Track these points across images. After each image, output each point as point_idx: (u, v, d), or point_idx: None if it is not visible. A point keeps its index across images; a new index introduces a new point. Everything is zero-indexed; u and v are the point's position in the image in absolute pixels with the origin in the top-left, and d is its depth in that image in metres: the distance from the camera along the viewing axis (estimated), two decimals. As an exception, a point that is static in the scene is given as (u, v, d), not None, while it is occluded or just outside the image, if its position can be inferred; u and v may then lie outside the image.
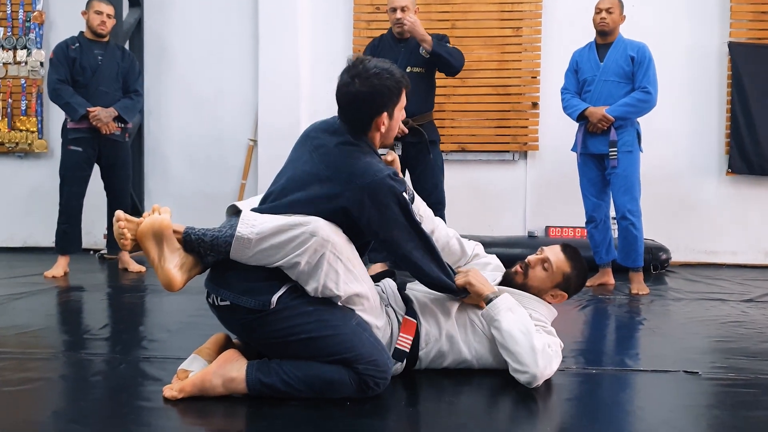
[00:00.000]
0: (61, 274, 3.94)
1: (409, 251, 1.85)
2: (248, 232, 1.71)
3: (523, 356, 1.84)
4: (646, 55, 3.68)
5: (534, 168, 5.10)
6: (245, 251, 1.73)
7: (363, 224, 1.79)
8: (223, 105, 5.28)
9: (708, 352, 2.43)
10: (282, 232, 1.71)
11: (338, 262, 1.74)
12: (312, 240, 1.69)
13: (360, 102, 1.84)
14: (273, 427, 1.60)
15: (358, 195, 1.76)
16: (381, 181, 1.77)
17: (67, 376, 2.02)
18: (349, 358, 1.75)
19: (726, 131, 4.98)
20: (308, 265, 1.71)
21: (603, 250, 3.87)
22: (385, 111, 1.87)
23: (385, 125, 1.89)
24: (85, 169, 4.05)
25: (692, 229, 4.98)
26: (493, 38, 5.07)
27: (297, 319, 1.76)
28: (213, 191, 5.28)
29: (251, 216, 1.76)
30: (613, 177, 3.70)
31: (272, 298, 1.73)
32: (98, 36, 4.08)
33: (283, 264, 1.72)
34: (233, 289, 1.78)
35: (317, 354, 1.76)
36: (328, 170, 1.81)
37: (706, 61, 5.01)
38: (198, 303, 3.15)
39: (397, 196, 1.79)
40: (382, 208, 1.77)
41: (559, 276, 2.08)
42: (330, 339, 1.75)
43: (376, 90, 1.83)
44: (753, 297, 3.55)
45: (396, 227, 1.81)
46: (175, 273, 1.77)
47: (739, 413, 1.74)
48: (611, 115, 3.63)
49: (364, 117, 1.86)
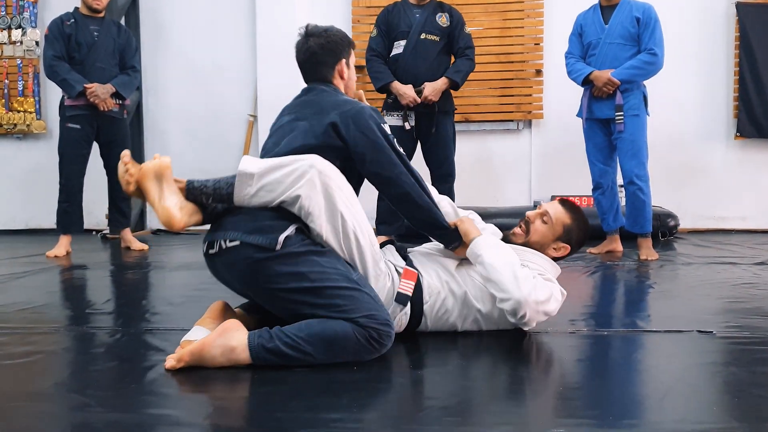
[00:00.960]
0: (64, 254, 3.92)
1: (397, 176, 1.90)
2: (250, 168, 1.79)
3: (505, 283, 1.81)
4: (652, 17, 3.59)
5: (539, 137, 5.02)
6: (247, 189, 1.78)
7: (350, 145, 1.89)
8: (221, 80, 5.21)
9: (721, 312, 2.38)
10: (281, 167, 1.77)
11: (339, 192, 1.77)
12: (311, 171, 1.74)
13: (318, 54, 2.05)
14: (277, 394, 1.57)
15: (344, 118, 1.89)
16: (362, 109, 1.92)
17: (69, 348, 2.00)
18: (349, 310, 1.72)
19: (734, 94, 4.89)
20: (308, 199, 1.74)
21: (610, 217, 3.82)
22: (343, 58, 2.07)
23: (345, 72, 2.08)
24: (84, 146, 4.00)
25: (700, 195, 4.92)
26: (494, 5, 4.97)
27: (301, 266, 1.75)
28: (213, 167, 5.18)
29: (251, 158, 1.84)
30: (619, 142, 3.63)
31: (280, 237, 1.75)
32: (93, 11, 4.00)
33: (285, 199, 1.76)
34: (241, 229, 1.79)
35: (317, 304, 1.74)
36: (312, 109, 1.96)
37: (712, 22, 4.90)
38: (201, 277, 3.12)
39: (377, 122, 1.91)
40: (366, 131, 1.88)
41: (560, 227, 2.07)
42: (331, 291, 1.74)
43: (329, 40, 2.05)
44: (765, 260, 3.50)
45: (381, 151, 1.89)
46: (175, 211, 1.81)
47: (756, 369, 1.69)
48: (617, 79, 3.55)
49: (325, 67, 2.06)
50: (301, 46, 2.08)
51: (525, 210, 4.61)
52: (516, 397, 1.58)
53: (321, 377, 1.65)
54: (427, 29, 3.83)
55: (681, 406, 1.44)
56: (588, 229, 2.14)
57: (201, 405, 1.49)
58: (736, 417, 1.39)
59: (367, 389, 1.59)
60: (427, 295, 1.95)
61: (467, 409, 1.46)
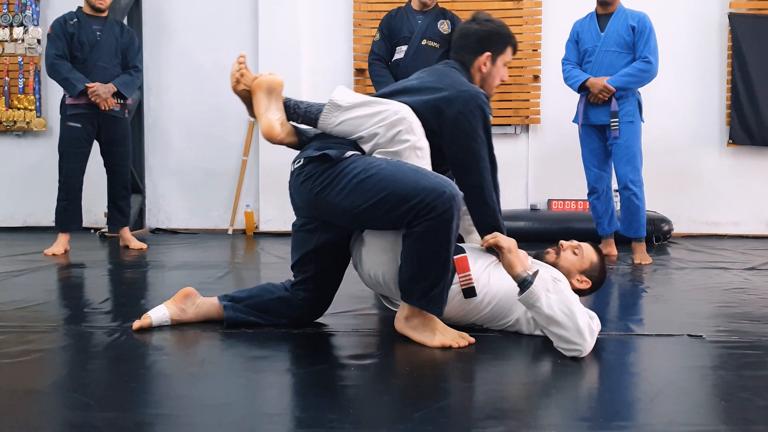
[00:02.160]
0: (62, 252, 3.93)
1: (479, 168, 1.99)
2: (340, 99, 1.94)
3: (570, 338, 1.81)
4: (646, 25, 3.63)
5: (536, 141, 5.06)
6: (333, 118, 1.94)
7: (449, 122, 1.96)
8: (223, 80, 5.13)
9: (711, 317, 2.42)
10: (370, 105, 1.93)
11: (414, 150, 1.89)
12: (395, 116, 1.89)
13: (470, 37, 2.13)
14: (275, 393, 1.60)
15: (454, 96, 1.97)
16: (477, 94, 2.00)
17: (67, 347, 2.01)
18: (410, 195, 1.81)
19: (727, 102, 4.95)
20: (385, 138, 1.90)
21: (605, 221, 3.86)
22: (489, 51, 2.13)
23: (486, 67, 2.14)
24: (84, 145, 4.02)
25: (694, 200, 4.97)
26: (493, 11, 4.98)
27: (366, 163, 1.88)
28: (214, 167, 5.26)
29: (345, 89, 1.98)
30: (614, 147, 3.67)
31: (348, 152, 1.91)
32: (97, 11, 4.02)
33: (363, 134, 1.92)
34: (313, 147, 1.97)
35: (381, 188, 1.84)
36: (431, 78, 2.05)
37: (706, 31, 4.96)
38: (200, 277, 3.15)
39: (484, 111, 1.99)
40: (470, 115, 1.96)
41: (587, 263, 2.18)
42: (393, 177, 1.84)
43: (487, 31, 2.12)
44: (755, 265, 3.55)
45: (474, 138, 1.98)
46: (276, 125, 1.99)
47: (743, 373, 1.73)
48: (612, 86, 3.59)
49: (468, 53, 2.13)
50: (463, 24, 2.21)
51: (522, 213, 4.69)
52: (508, 398, 1.61)
53: (319, 377, 1.68)
54: (429, 35, 3.87)
55: (670, 409, 1.48)
56: (606, 276, 2.27)
57: (198, 404, 1.51)
58: (723, 419, 1.42)
59: (365, 390, 1.62)
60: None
61: (459, 410, 1.49)
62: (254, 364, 1.83)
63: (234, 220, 5.22)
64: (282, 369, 1.77)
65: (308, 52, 5.07)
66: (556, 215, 4.69)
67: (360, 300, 2.55)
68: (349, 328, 2.17)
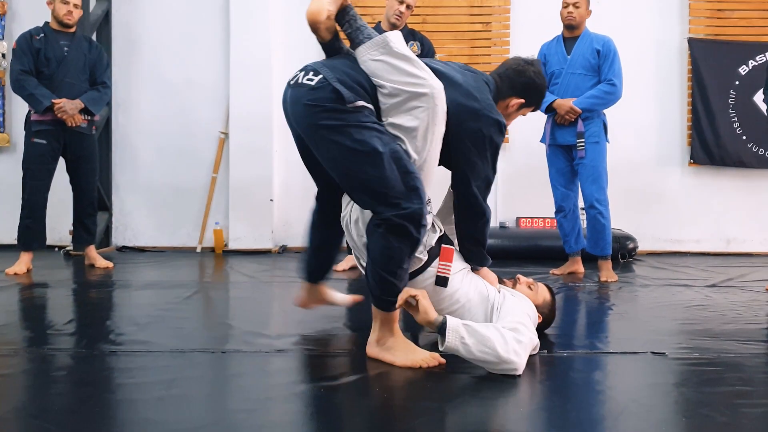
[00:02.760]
0: (24, 271, 3.83)
1: (476, 183, 2.07)
2: (393, 41, 1.94)
3: (498, 369, 1.87)
4: (611, 49, 3.74)
5: (504, 160, 5.13)
6: (375, 52, 1.95)
7: (467, 132, 2.01)
8: (193, 96, 5.21)
9: (674, 334, 2.48)
10: (413, 64, 1.95)
11: (423, 133, 1.95)
12: (426, 90, 1.92)
13: (521, 77, 2.18)
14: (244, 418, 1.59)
15: (484, 114, 2.03)
16: (502, 123, 2.06)
17: (28, 371, 1.96)
18: (377, 188, 1.91)
19: (688, 123, 5.11)
20: (404, 104, 1.94)
21: (572, 239, 3.92)
22: (521, 98, 2.19)
23: (511, 108, 2.20)
24: (49, 162, 3.95)
25: (658, 218, 5.09)
26: (463, 33, 5.10)
27: (371, 136, 1.92)
28: (183, 184, 5.21)
29: (400, 39, 1.99)
30: (580, 167, 3.75)
31: (357, 101, 1.93)
32: (64, 26, 3.98)
33: (387, 86, 1.94)
34: (336, 73, 1.96)
35: (366, 171, 1.91)
36: (472, 83, 2.07)
37: (668, 55, 5.12)
38: (166, 297, 3.11)
39: (500, 138, 2.07)
40: (487, 136, 2.03)
41: (541, 299, 2.25)
42: (374, 159, 1.90)
43: (537, 84, 2.20)
44: (716, 282, 3.65)
45: (480, 154, 2.05)
46: (324, 12, 1.98)
47: (703, 390, 1.78)
48: (578, 107, 3.68)
49: (511, 87, 2.18)
50: (520, 60, 2.24)
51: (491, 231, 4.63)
52: (475, 416, 1.62)
53: (289, 399, 1.67)
54: None
55: (634, 426, 1.51)
56: (553, 319, 2.35)
57: (165, 429, 1.49)
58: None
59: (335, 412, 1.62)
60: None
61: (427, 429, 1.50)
62: (223, 386, 1.82)
63: (203, 237, 5.16)
64: (251, 391, 1.76)
65: (280, 69, 5.07)
66: (524, 233, 4.76)
67: (332, 320, 2.55)
68: (319, 350, 2.17)
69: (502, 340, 1.85)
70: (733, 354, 2.13)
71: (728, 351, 2.16)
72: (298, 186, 4.89)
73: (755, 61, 5.01)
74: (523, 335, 1.91)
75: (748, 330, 2.50)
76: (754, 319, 2.68)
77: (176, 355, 2.08)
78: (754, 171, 5.00)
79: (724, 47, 5.03)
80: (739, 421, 1.54)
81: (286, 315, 2.88)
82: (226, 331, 2.53)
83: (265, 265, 4.31)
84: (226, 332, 2.50)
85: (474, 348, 1.85)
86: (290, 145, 2.17)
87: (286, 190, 5.15)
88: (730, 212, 5.09)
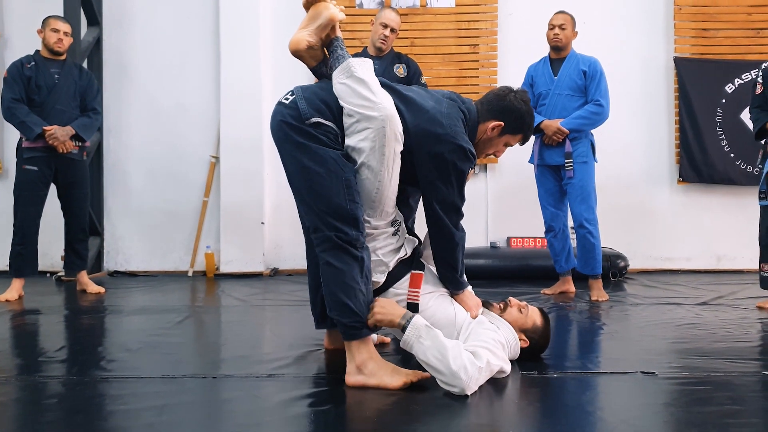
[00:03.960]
0: (16, 298, 3.82)
1: (441, 206, 2.11)
2: (356, 67, 2.06)
3: (446, 381, 1.89)
4: (597, 70, 3.80)
5: (494, 180, 5.18)
6: (340, 76, 2.06)
7: (423, 154, 2.07)
8: (184, 121, 5.24)
9: (664, 353, 2.49)
10: (368, 88, 2.04)
11: (380, 151, 2.02)
12: (374, 114, 2.01)
13: (501, 101, 2.20)
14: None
15: (447, 140, 2.06)
16: (461, 146, 2.08)
17: (20, 399, 1.95)
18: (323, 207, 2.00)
19: (675, 141, 5.17)
20: (355, 125, 2.03)
21: (563, 259, 3.95)
22: (501, 122, 2.19)
23: (491, 132, 2.21)
24: (40, 188, 3.95)
25: (648, 236, 5.13)
26: (451, 55, 5.17)
27: (326, 158, 2.02)
28: (174, 208, 5.22)
29: (368, 63, 2.10)
30: (569, 187, 3.79)
31: (313, 118, 2.04)
32: (55, 54, 4.01)
33: (347, 108, 2.04)
34: (304, 94, 2.09)
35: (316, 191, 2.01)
36: (440, 108, 2.12)
37: (654, 75, 5.20)
38: (159, 322, 3.11)
39: (458, 163, 2.08)
40: (443, 159, 2.06)
41: (530, 323, 2.25)
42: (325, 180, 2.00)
43: (516, 108, 2.20)
44: (707, 300, 3.67)
45: (442, 180, 2.08)
46: (304, 43, 2.14)
47: (693, 409, 1.79)
48: (565, 128, 3.73)
49: (490, 111, 2.20)
50: (503, 87, 2.28)
51: (482, 251, 4.77)
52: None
53: (279, 425, 1.67)
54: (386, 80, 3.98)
55: (623, 447, 1.52)
56: (547, 345, 2.33)
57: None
58: (673, 456, 1.47)
59: None
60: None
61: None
62: (215, 412, 1.81)
63: (194, 261, 5.16)
64: (243, 416, 1.75)
65: (270, 92, 5.12)
66: (515, 252, 4.79)
67: (323, 344, 2.55)
68: (311, 374, 2.17)
69: (457, 354, 1.89)
70: (722, 373, 2.14)
71: (718, 370, 2.17)
72: (289, 208, 4.84)
73: (741, 79, 5.09)
74: (480, 359, 1.92)
75: (737, 348, 2.51)
76: (744, 337, 2.70)
77: (167, 380, 2.07)
78: (743, 188, 5.04)
79: (710, 66, 5.11)
80: (727, 441, 1.55)
81: (277, 339, 2.88)
82: (218, 355, 2.53)
83: (256, 289, 4.31)
84: (218, 357, 2.51)
85: (428, 351, 1.91)
86: (280, 168, 2.20)
87: (276, 213, 5.16)
88: (719, 229, 5.14)
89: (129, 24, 5.27)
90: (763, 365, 2.25)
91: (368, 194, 2.08)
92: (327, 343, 2.47)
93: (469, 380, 1.87)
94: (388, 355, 2.35)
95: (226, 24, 5.06)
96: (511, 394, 1.95)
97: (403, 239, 2.23)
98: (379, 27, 3.92)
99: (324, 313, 2.33)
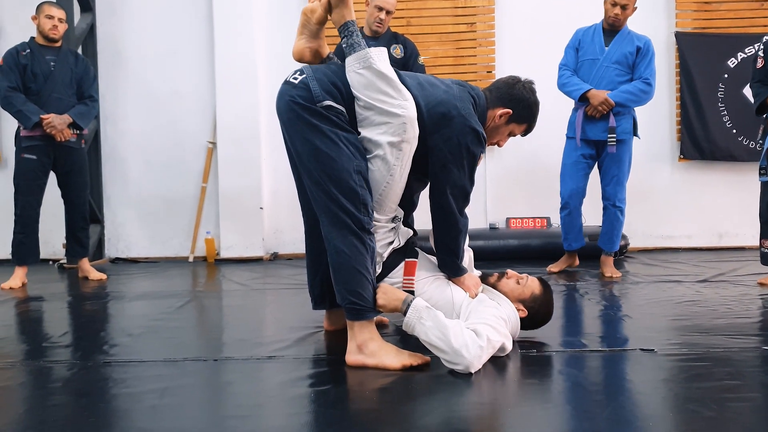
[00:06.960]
0: (19, 285, 3.84)
1: (451, 190, 2.11)
2: (375, 58, 2.01)
3: (450, 359, 1.91)
4: (650, 49, 3.73)
5: (493, 161, 5.17)
6: (355, 65, 2.02)
7: (437, 136, 2.06)
8: (180, 107, 5.22)
9: (664, 330, 2.50)
10: (388, 83, 2.01)
11: (398, 146, 2.01)
12: (394, 110, 1.99)
13: (511, 90, 2.21)
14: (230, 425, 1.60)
15: (459, 122, 2.07)
16: (474, 128, 2.08)
17: (25, 383, 1.98)
18: (336, 191, 1.99)
19: (677, 118, 5.13)
20: (372, 119, 2.02)
21: (572, 237, 3.91)
22: (508, 109, 2.19)
23: (498, 120, 2.20)
24: (40, 177, 3.95)
25: (649, 214, 5.11)
26: (448, 34, 5.13)
27: (339, 141, 2.00)
28: (173, 195, 5.22)
29: (384, 56, 2.05)
30: (606, 163, 3.73)
31: (325, 101, 2.01)
32: (50, 41, 3.99)
33: (362, 99, 2.02)
34: (315, 75, 2.07)
35: (327, 175, 2.00)
36: (451, 93, 2.12)
37: (655, 50, 5.11)
38: (161, 307, 3.12)
39: (471, 146, 2.08)
40: (456, 141, 2.06)
41: (528, 293, 2.24)
42: (336, 163, 1.98)
43: (525, 98, 2.21)
44: (707, 277, 3.67)
45: (455, 163, 2.08)
46: (307, 54, 2.22)
47: (691, 385, 1.80)
48: (613, 100, 3.64)
49: (499, 98, 2.20)
50: (513, 78, 2.27)
51: (482, 232, 4.77)
52: (460, 415, 1.64)
53: (280, 405, 1.69)
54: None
55: (621, 422, 1.53)
56: (550, 314, 2.30)
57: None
58: (670, 431, 1.48)
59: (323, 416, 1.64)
60: None
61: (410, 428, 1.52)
62: (216, 394, 1.83)
63: (194, 247, 5.17)
64: (244, 398, 1.77)
65: (265, 77, 5.09)
66: (514, 233, 4.78)
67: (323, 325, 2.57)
68: (312, 355, 2.18)
69: (459, 332, 1.90)
70: (722, 349, 2.15)
71: (717, 346, 2.18)
72: (288, 193, 4.88)
73: (744, 53, 5.00)
74: (481, 337, 1.93)
75: (737, 324, 2.52)
76: (744, 313, 2.71)
77: (169, 364, 2.09)
78: (745, 164, 4.98)
79: (712, 40, 5.03)
80: (725, 416, 1.56)
81: (277, 321, 2.90)
82: (219, 339, 2.55)
83: (256, 273, 4.33)
84: (219, 340, 2.53)
85: (430, 331, 1.92)
86: (278, 152, 2.21)
87: (275, 198, 5.16)
88: (721, 207, 5.12)
89: (122, 10, 5.23)
90: (763, 341, 2.25)
91: (377, 186, 2.08)
92: (326, 324, 2.48)
93: (472, 357, 1.88)
94: (388, 336, 2.36)
95: (220, 9, 5.01)
96: (510, 372, 1.96)
97: (397, 232, 2.24)
98: (375, 10, 3.89)
99: (322, 293, 2.35)
